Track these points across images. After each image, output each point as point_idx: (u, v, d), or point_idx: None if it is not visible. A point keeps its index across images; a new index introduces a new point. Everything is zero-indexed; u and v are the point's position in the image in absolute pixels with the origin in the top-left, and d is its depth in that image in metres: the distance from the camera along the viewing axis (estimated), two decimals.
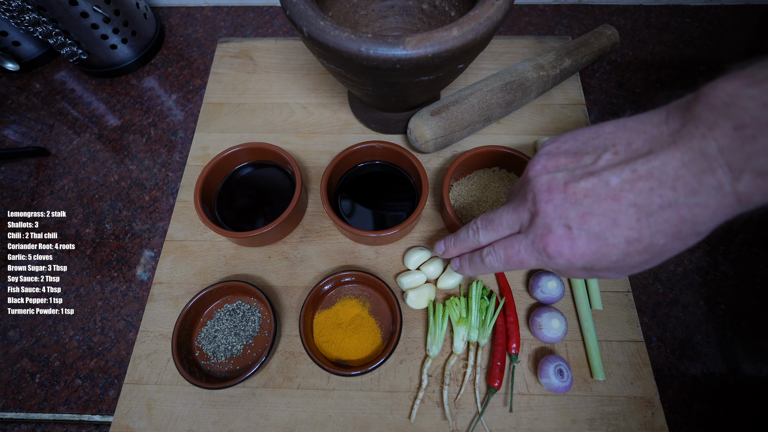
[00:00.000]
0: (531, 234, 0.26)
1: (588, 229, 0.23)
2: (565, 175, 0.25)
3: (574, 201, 0.24)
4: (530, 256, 0.27)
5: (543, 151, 0.27)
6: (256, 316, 0.42)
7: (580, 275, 0.27)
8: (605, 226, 0.23)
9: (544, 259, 0.26)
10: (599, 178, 0.23)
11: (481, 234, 0.31)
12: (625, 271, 0.25)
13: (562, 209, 0.24)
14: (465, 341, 0.40)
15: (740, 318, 0.43)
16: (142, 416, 0.39)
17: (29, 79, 0.60)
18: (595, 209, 0.23)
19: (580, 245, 0.24)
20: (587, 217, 0.23)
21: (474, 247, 0.33)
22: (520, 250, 0.28)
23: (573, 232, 0.24)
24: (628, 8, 0.63)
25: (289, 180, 0.48)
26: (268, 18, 0.65)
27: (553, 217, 0.25)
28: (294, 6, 0.34)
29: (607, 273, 0.26)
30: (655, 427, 0.38)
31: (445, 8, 0.46)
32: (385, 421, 0.39)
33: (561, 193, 0.24)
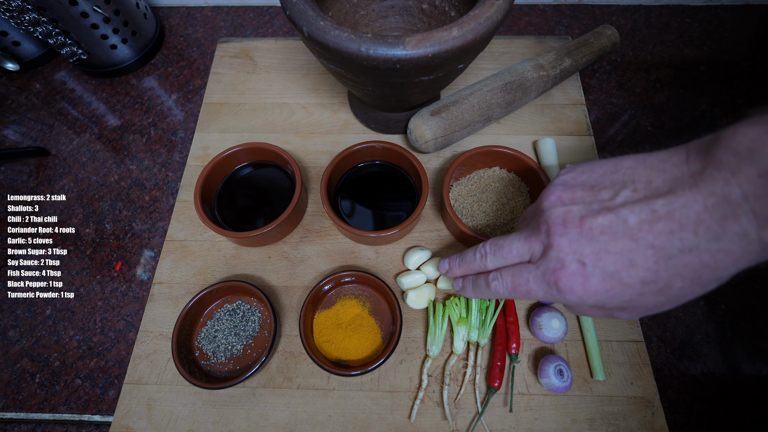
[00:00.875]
0: (542, 266, 0.26)
1: (603, 267, 0.23)
2: (582, 209, 0.24)
3: (590, 237, 0.23)
4: (539, 288, 0.26)
5: (558, 181, 0.27)
6: (256, 316, 0.42)
7: (590, 313, 0.26)
8: (621, 265, 0.22)
9: (554, 293, 0.25)
10: (617, 215, 0.22)
11: (489, 259, 0.31)
12: (638, 312, 0.24)
13: (577, 244, 0.24)
14: (465, 341, 0.40)
15: (740, 318, 0.43)
16: (142, 416, 0.39)
17: (29, 79, 0.60)
18: (611, 247, 0.22)
19: (593, 283, 0.23)
20: (602, 254, 0.23)
21: (479, 271, 0.32)
22: (529, 280, 0.27)
23: (587, 269, 0.23)
24: (628, 8, 0.63)
25: (289, 180, 0.48)
26: (268, 18, 0.65)
27: (567, 252, 0.24)
28: (294, 6, 0.34)
29: (620, 313, 0.25)
30: (655, 427, 0.38)
31: (445, 8, 0.46)
32: (385, 421, 0.39)
33: (576, 228, 0.24)
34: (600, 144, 0.52)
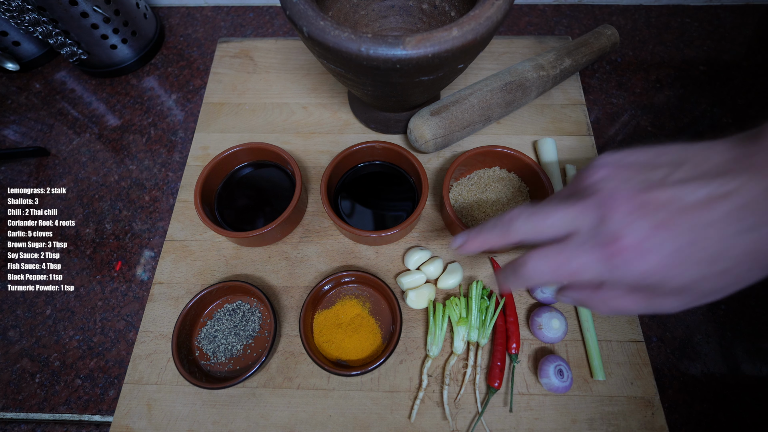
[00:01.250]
0: (597, 238, 0.23)
1: (663, 243, 0.22)
2: (636, 185, 0.23)
3: (648, 212, 0.22)
4: (590, 262, 0.24)
5: (600, 162, 0.25)
6: (256, 316, 0.42)
7: (636, 302, 0.24)
8: (682, 242, 0.21)
9: (609, 270, 0.23)
10: (674, 192, 0.22)
11: (518, 223, 0.26)
12: (691, 299, 0.23)
13: (634, 218, 0.22)
14: (465, 341, 0.40)
15: (740, 318, 0.43)
16: (142, 416, 0.39)
17: (29, 79, 0.60)
18: (671, 224, 0.21)
19: (654, 258, 0.22)
20: (662, 230, 0.22)
21: (502, 237, 0.28)
22: (577, 255, 0.24)
23: (647, 245, 0.22)
24: (628, 8, 0.63)
25: (289, 180, 0.48)
26: (268, 18, 0.65)
27: (626, 222, 0.22)
28: (294, 6, 0.34)
29: (671, 300, 0.23)
30: (655, 427, 0.38)
31: (445, 8, 0.46)
32: (385, 421, 0.39)
33: (632, 202, 0.22)
34: (600, 144, 0.52)
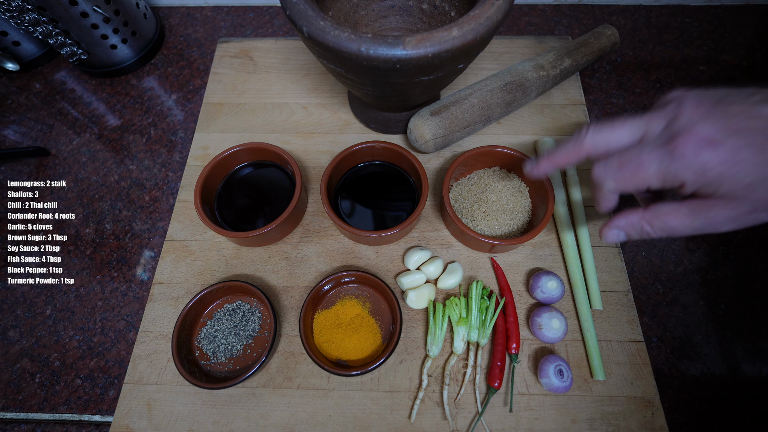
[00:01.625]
0: (663, 135, 0.24)
1: (734, 139, 0.22)
2: (714, 99, 0.24)
3: (725, 114, 0.23)
4: (653, 158, 0.24)
5: (677, 90, 0.26)
6: (256, 316, 0.42)
7: (689, 214, 0.25)
8: (755, 141, 0.22)
9: (671, 162, 0.23)
10: (752, 105, 0.23)
11: (589, 134, 0.28)
12: (743, 210, 0.23)
13: (711, 116, 0.23)
14: (465, 341, 0.40)
15: (740, 318, 0.43)
16: (142, 416, 0.39)
17: (29, 79, 0.60)
18: (745, 127, 0.22)
19: (724, 150, 0.22)
20: (735, 130, 0.22)
21: (574, 153, 0.29)
22: (640, 153, 0.25)
23: (717, 137, 0.22)
24: (628, 8, 0.63)
25: (289, 180, 0.48)
26: (268, 18, 0.65)
27: (696, 120, 0.23)
28: (294, 6, 0.34)
29: (724, 210, 0.23)
30: (655, 427, 0.38)
31: (445, 8, 0.46)
32: (385, 421, 0.39)
33: (710, 106, 0.23)
34: None
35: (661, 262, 0.46)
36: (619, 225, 0.28)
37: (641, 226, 0.27)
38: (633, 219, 0.28)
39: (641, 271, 0.46)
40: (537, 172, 0.33)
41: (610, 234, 0.29)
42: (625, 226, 0.28)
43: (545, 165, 0.32)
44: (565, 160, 0.31)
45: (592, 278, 0.43)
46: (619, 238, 0.29)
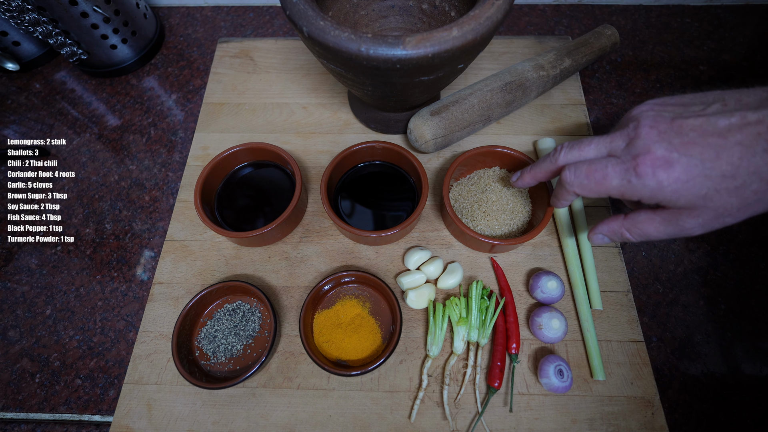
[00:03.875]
0: (625, 154, 0.27)
1: (689, 156, 0.24)
2: (673, 114, 0.25)
3: (680, 132, 0.24)
4: (616, 173, 0.27)
5: (642, 104, 0.28)
6: (256, 316, 0.42)
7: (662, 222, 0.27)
8: (707, 156, 0.23)
9: (632, 179, 0.26)
10: (707, 119, 0.24)
11: (562, 153, 0.32)
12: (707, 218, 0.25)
13: (667, 135, 0.25)
14: (465, 341, 0.40)
15: (740, 318, 0.43)
16: (142, 416, 0.39)
17: (29, 79, 0.60)
18: (700, 141, 0.24)
19: (677, 169, 0.24)
20: (690, 145, 0.24)
21: (551, 171, 0.33)
22: (606, 166, 0.27)
23: (673, 156, 0.24)
24: (628, 8, 0.63)
25: (289, 180, 0.48)
26: (268, 18, 0.65)
27: (654, 140, 0.25)
28: (294, 6, 0.34)
29: (688, 217, 0.25)
30: (655, 427, 0.38)
31: (445, 8, 0.46)
32: (385, 421, 0.39)
33: (667, 124, 0.25)
34: None
35: (661, 262, 0.46)
36: (602, 231, 0.32)
37: (621, 232, 0.30)
38: (614, 226, 0.31)
39: (641, 271, 0.46)
40: (521, 184, 0.39)
41: (595, 239, 0.33)
42: (607, 232, 0.32)
43: (527, 179, 0.37)
44: (543, 176, 0.35)
45: (592, 278, 0.43)
46: (603, 241, 0.33)
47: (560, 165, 0.32)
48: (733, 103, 0.24)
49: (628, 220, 0.29)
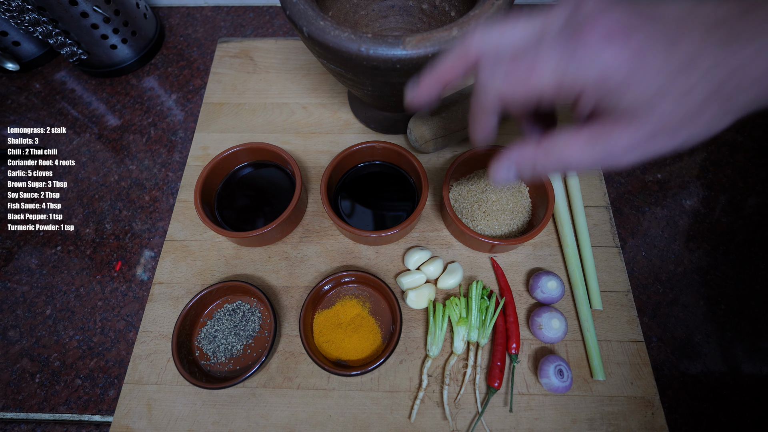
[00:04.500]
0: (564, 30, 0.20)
1: (642, 33, 0.19)
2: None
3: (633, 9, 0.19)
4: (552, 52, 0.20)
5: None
6: (256, 316, 0.42)
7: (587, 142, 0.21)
8: (662, 38, 0.19)
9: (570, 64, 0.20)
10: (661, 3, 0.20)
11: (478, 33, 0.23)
12: (646, 131, 0.20)
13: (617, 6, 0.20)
14: (465, 341, 0.40)
15: (740, 318, 0.43)
16: (142, 416, 0.39)
17: (29, 79, 0.60)
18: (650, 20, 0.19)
19: (629, 47, 0.19)
20: (645, 23, 0.19)
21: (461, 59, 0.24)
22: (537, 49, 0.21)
23: (625, 29, 0.19)
24: None
25: (289, 180, 0.48)
26: (268, 18, 0.65)
27: (603, 9, 0.20)
28: (294, 6, 0.34)
29: (625, 134, 0.20)
30: (655, 427, 0.38)
31: (445, 8, 0.46)
32: (385, 421, 0.39)
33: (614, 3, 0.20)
34: None
35: (661, 262, 0.46)
36: (511, 157, 0.24)
37: (533, 163, 0.24)
38: (526, 152, 0.24)
39: (641, 271, 0.46)
40: (420, 96, 0.27)
41: (500, 169, 0.25)
42: (517, 159, 0.24)
43: (429, 83, 0.26)
44: (451, 73, 0.25)
45: (592, 278, 0.43)
46: (509, 174, 0.25)
47: (475, 51, 0.23)
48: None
49: (545, 143, 0.23)
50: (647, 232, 0.48)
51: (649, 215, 0.49)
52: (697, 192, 0.50)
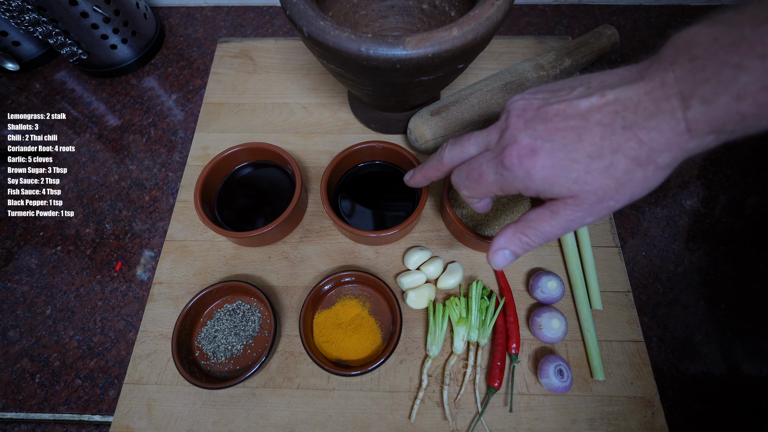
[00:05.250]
0: (497, 147, 0.27)
1: (553, 141, 0.24)
2: (541, 102, 0.26)
3: (545, 118, 0.24)
4: (490, 169, 0.27)
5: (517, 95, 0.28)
6: (256, 316, 0.42)
7: (548, 219, 0.26)
8: (570, 140, 0.23)
9: (503, 172, 0.26)
10: (570, 103, 0.24)
11: (446, 151, 0.31)
12: (588, 205, 0.24)
13: (532, 123, 0.25)
14: (465, 341, 0.40)
15: (740, 318, 0.43)
16: (142, 416, 0.39)
17: (29, 79, 0.60)
18: (563, 125, 0.24)
19: (542, 155, 0.24)
20: (553, 131, 0.24)
21: (438, 168, 0.33)
22: (481, 164, 0.27)
23: (537, 143, 0.24)
24: (628, 8, 0.63)
25: (289, 180, 0.48)
26: (268, 18, 0.65)
27: (520, 129, 0.25)
28: (294, 6, 0.34)
29: (570, 207, 0.25)
30: (655, 427, 0.38)
31: (445, 8, 0.46)
32: (385, 421, 0.39)
33: (533, 112, 0.25)
34: None
35: (661, 262, 0.46)
36: (500, 244, 0.29)
37: (518, 238, 0.28)
38: (508, 233, 0.28)
39: (641, 271, 0.46)
40: (413, 183, 0.37)
41: (497, 257, 0.29)
42: (505, 244, 0.29)
43: (419, 178, 0.36)
44: (433, 175, 0.34)
45: (592, 278, 0.43)
46: (506, 258, 0.29)
47: (447, 164, 0.32)
48: (596, 85, 0.24)
49: (521, 223, 0.28)
50: (647, 232, 0.48)
51: (649, 215, 0.49)
52: (697, 192, 0.50)
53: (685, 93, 0.20)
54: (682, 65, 0.20)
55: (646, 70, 0.22)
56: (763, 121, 0.20)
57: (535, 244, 0.28)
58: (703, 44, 0.20)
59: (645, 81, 0.22)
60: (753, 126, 0.20)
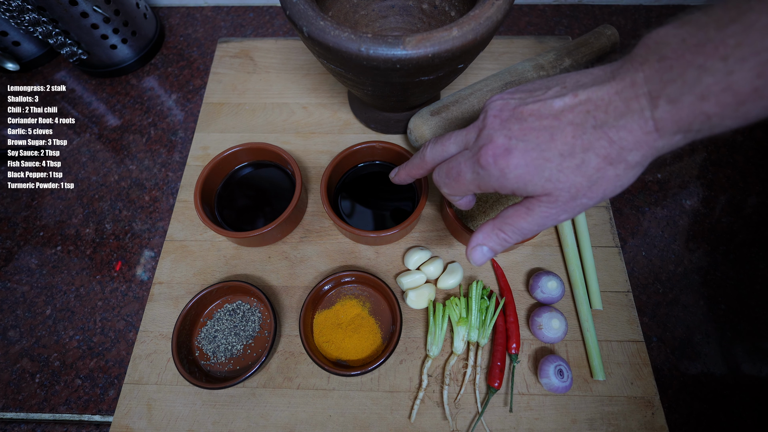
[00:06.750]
0: (474, 147, 0.27)
1: (527, 140, 0.24)
2: (518, 102, 0.26)
3: (520, 118, 0.25)
4: (468, 168, 0.28)
5: (496, 95, 0.29)
6: (256, 316, 0.42)
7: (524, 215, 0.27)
8: (543, 139, 0.24)
9: (479, 171, 0.26)
10: (544, 102, 0.25)
11: (428, 150, 0.32)
12: (562, 202, 0.25)
13: (508, 123, 0.25)
14: (465, 341, 0.40)
15: (740, 318, 0.43)
16: (142, 416, 0.39)
17: (29, 79, 0.60)
18: (537, 125, 0.24)
19: (515, 154, 0.25)
20: (528, 131, 0.24)
21: (420, 166, 0.34)
22: (460, 163, 0.28)
23: (511, 142, 0.25)
24: (628, 8, 0.63)
25: (289, 180, 0.48)
26: (268, 18, 0.65)
27: (496, 128, 0.26)
28: (294, 6, 0.34)
29: (545, 204, 0.25)
30: (655, 427, 0.38)
31: (445, 8, 0.46)
32: (385, 421, 0.39)
33: (509, 112, 0.26)
34: None
35: (661, 262, 0.46)
36: (478, 240, 0.29)
37: (496, 234, 0.29)
38: (486, 230, 0.29)
39: (641, 271, 0.46)
40: (398, 180, 0.38)
41: (476, 253, 0.30)
42: (483, 240, 0.29)
43: (402, 175, 0.37)
44: (416, 173, 0.35)
45: (592, 278, 0.43)
46: (484, 255, 0.30)
47: (428, 162, 0.33)
48: (571, 85, 0.24)
49: (498, 220, 0.28)
50: (647, 232, 0.48)
51: (649, 215, 0.49)
52: (697, 192, 0.50)
53: (653, 93, 0.21)
54: (651, 65, 0.21)
55: (618, 70, 0.23)
56: (728, 120, 0.20)
57: (513, 241, 0.29)
58: (671, 45, 0.20)
59: (616, 81, 0.22)
60: (718, 125, 0.20)
